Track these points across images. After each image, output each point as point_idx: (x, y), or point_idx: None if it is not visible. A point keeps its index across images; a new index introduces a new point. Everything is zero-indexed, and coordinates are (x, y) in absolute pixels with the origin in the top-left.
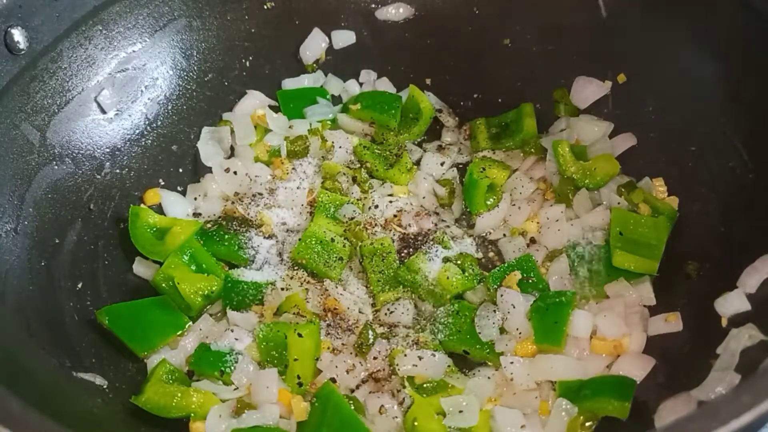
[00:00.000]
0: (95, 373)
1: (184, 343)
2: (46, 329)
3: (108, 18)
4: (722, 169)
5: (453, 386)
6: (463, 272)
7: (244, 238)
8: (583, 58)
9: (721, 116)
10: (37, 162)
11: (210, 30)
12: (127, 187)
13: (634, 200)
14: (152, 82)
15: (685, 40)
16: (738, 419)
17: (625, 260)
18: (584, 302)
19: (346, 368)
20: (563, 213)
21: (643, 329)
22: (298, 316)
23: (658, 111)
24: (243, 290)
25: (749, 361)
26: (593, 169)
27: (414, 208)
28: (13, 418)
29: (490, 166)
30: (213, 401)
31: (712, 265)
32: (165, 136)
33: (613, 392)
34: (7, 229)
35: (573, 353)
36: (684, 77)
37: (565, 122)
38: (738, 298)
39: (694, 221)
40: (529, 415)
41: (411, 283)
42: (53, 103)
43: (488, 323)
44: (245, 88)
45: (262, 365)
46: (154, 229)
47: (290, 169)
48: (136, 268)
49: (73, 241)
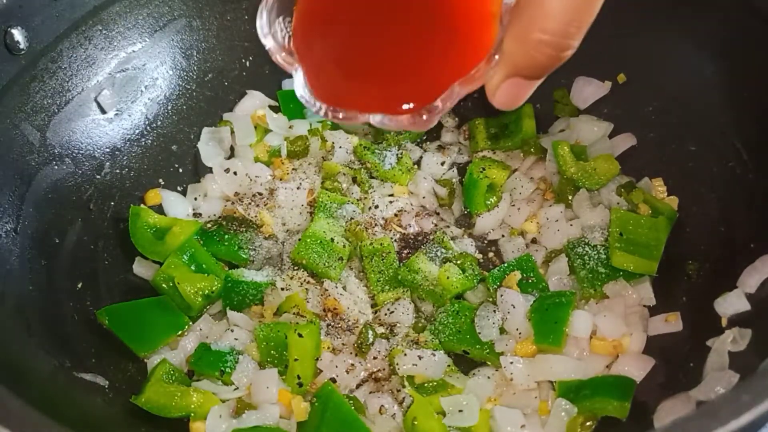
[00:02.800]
0: (95, 373)
1: (184, 343)
2: (46, 329)
3: (108, 18)
4: (722, 169)
5: (453, 386)
6: (463, 272)
7: (244, 238)
8: (583, 58)
9: (721, 116)
10: (37, 162)
11: (210, 30)
12: (127, 187)
13: (633, 200)
14: (152, 82)
15: (685, 40)
16: (737, 419)
17: (625, 260)
18: (584, 302)
19: (346, 368)
20: (563, 213)
21: (643, 329)
22: (298, 316)
23: (658, 111)
24: (243, 290)
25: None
26: (593, 169)
27: (414, 208)
28: (13, 418)
29: (489, 166)
30: (213, 401)
31: (712, 265)
32: (165, 136)
33: (612, 392)
34: (7, 229)
35: (573, 353)
36: (684, 77)
37: (565, 122)
38: (738, 298)
39: (694, 221)
40: (529, 415)
41: (411, 283)
42: (53, 103)
43: (488, 323)
44: (245, 88)
45: (262, 365)
46: (154, 229)
47: (290, 169)
48: (136, 268)
49: (73, 241)
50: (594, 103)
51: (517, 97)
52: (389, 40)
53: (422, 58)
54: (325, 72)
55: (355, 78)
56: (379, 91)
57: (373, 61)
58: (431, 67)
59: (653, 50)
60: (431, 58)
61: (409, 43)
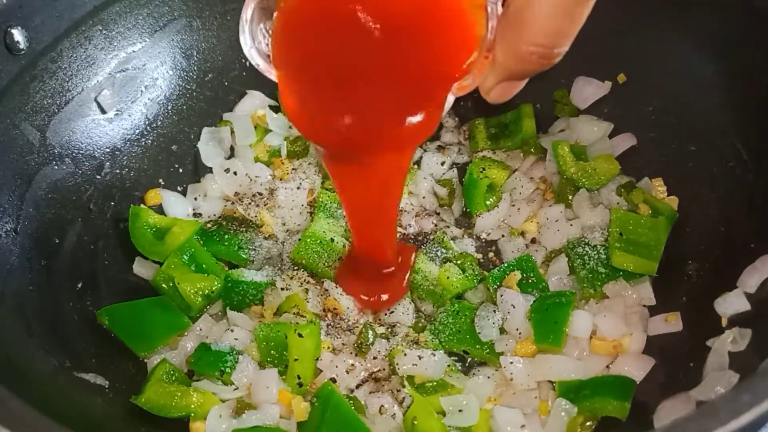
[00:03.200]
0: (95, 373)
1: (184, 343)
2: (46, 329)
3: (108, 18)
4: (722, 169)
5: (453, 386)
6: (463, 272)
7: (244, 238)
8: (583, 58)
9: (721, 116)
10: (37, 162)
11: (210, 30)
12: (127, 187)
13: (633, 200)
14: (152, 82)
15: (685, 40)
16: (737, 419)
17: (625, 261)
18: (584, 302)
19: (346, 368)
20: (563, 213)
21: (643, 329)
22: (298, 316)
23: (657, 111)
24: (243, 290)
25: (747, 361)
26: (593, 169)
27: (414, 208)
28: (13, 418)
29: (489, 166)
30: (213, 401)
31: (712, 265)
32: (165, 136)
33: (612, 392)
34: (7, 229)
35: (573, 353)
36: (684, 77)
37: (564, 122)
38: (738, 298)
39: (694, 221)
40: (529, 415)
41: (411, 283)
42: (53, 103)
43: (488, 323)
44: (245, 88)
45: (262, 365)
46: (154, 229)
47: (290, 169)
48: (136, 268)
49: (73, 241)
50: (594, 103)
51: (510, 92)
52: (370, 57)
53: (410, 67)
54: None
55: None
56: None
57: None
58: (422, 75)
59: (653, 50)
60: (419, 66)
61: (393, 55)
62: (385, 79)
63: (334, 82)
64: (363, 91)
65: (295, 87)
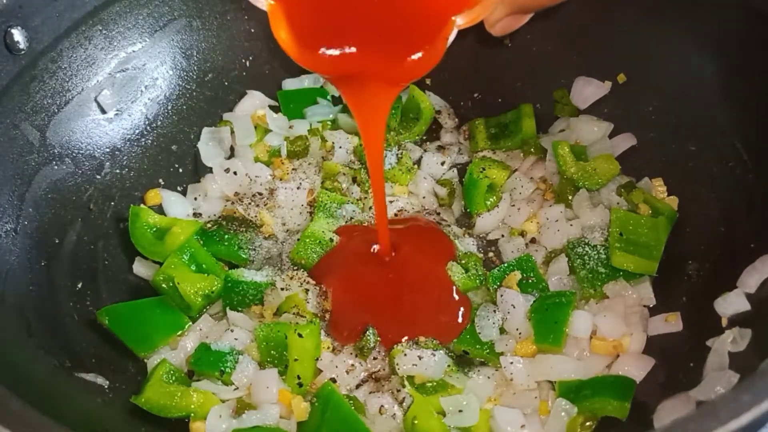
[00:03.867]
0: (95, 373)
1: (184, 343)
2: (46, 329)
3: (108, 18)
4: (722, 169)
5: (453, 386)
6: (466, 272)
7: (244, 238)
8: (583, 58)
9: (721, 116)
10: (37, 162)
11: (210, 30)
12: (127, 187)
13: (633, 200)
14: (152, 82)
15: (685, 39)
16: (737, 419)
17: (625, 261)
18: (584, 302)
19: (346, 368)
20: (563, 213)
21: (643, 329)
22: (298, 316)
23: (657, 111)
24: (243, 290)
25: (747, 361)
26: (593, 170)
27: (414, 208)
28: (13, 418)
29: (489, 166)
30: (213, 401)
31: (712, 265)
32: (165, 136)
33: (612, 392)
34: (7, 229)
35: (573, 353)
36: (684, 77)
37: (564, 122)
38: (738, 298)
39: (694, 221)
40: (529, 415)
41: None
42: (53, 103)
43: (488, 323)
44: (245, 88)
45: (262, 365)
46: (154, 229)
47: (290, 169)
48: (136, 268)
49: (73, 241)
50: (594, 103)
51: (514, 25)
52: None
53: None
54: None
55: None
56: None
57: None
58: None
59: (653, 50)
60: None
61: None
62: (383, 5)
63: (331, 7)
64: (361, 17)
65: (288, 14)
